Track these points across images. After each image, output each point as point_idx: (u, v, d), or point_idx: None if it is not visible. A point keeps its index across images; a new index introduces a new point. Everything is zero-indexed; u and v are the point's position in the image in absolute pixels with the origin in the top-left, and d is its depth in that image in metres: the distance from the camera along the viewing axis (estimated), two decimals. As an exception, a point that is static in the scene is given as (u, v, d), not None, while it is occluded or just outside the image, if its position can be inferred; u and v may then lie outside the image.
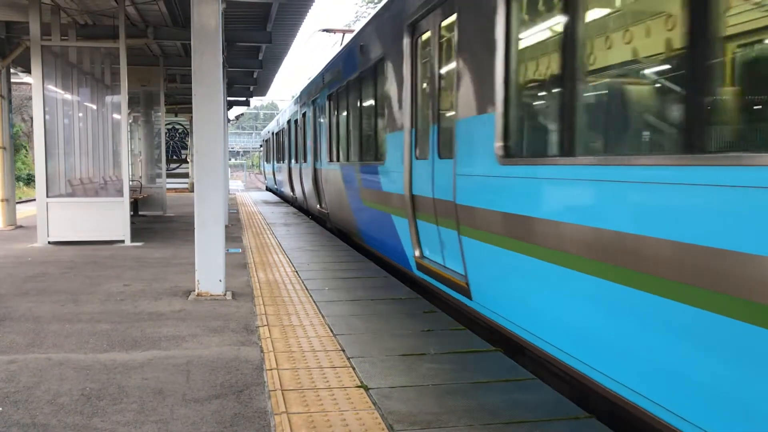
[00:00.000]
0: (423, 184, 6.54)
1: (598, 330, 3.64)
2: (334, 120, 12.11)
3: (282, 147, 23.26)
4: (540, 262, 4.18)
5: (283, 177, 23.14)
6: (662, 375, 3.08)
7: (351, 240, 11.69)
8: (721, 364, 2.71)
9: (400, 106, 7.24)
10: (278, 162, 25.32)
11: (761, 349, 2.49)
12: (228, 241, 8.62)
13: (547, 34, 4.36)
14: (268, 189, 35.98)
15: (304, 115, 16.60)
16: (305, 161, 16.08)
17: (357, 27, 10.87)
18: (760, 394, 2.52)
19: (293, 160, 19.11)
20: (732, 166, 2.62)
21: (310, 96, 15.45)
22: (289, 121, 20.73)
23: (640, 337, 3.24)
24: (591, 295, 3.64)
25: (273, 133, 27.72)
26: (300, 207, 19.09)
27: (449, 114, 5.94)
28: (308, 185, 15.57)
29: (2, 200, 13.06)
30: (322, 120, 13.39)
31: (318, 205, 14.23)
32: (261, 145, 43.04)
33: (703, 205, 2.76)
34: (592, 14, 3.89)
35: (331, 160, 12.12)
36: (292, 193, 20.45)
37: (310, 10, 14.11)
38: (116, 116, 15.35)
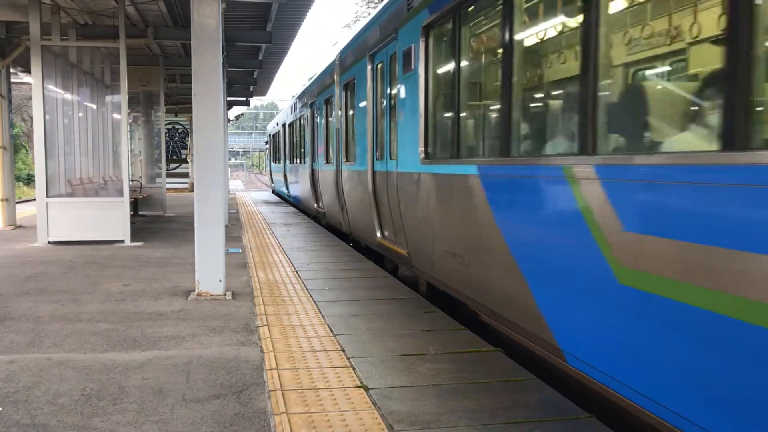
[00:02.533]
0: None
1: None
2: (438, 76, 6.47)
3: (300, 142, 17.57)
4: None
5: (301, 182, 17.37)
6: None
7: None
8: None
9: None
10: (292, 161, 19.62)
11: None
12: (228, 241, 8.62)
13: None
14: (275, 193, 29.38)
15: (346, 87, 10.92)
16: (349, 160, 10.63)
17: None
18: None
19: (323, 160, 13.40)
20: None
21: (360, 53, 9.60)
22: (312, 105, 14.94)
23: None
24: None
25: (285, 125, 21.92)
26: (331, 226, 13.54)
27: None
28: (354, 200, 10.26)
29: (2, 200, 13.06)
30: (400, 86, 7.35)
31: (379, 234, 8.75)
32: (266, 142, 34.98)
33: None
34: None
35: (430, 158, 6.47)
36: (315, 205, 14.93)
37: (309, 10, 14.13)
38: (116, 116, 15.36)
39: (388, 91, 8.15)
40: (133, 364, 4.53)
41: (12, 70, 14.48)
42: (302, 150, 17.02)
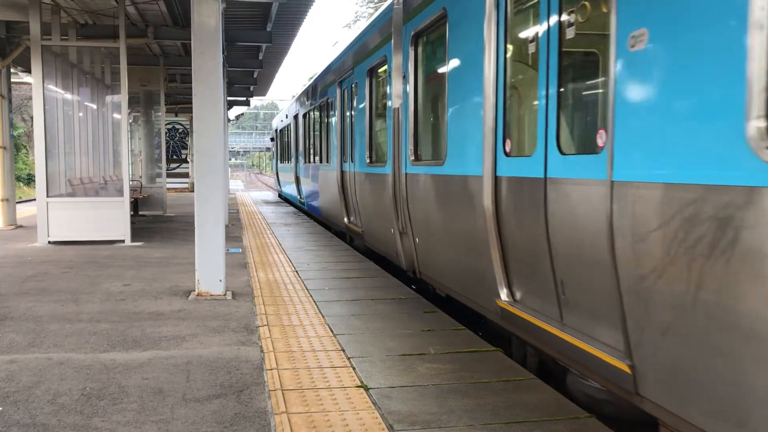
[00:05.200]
0: None
1: None
2: None
3: (321, 136, 13.79)
4: None
5: (322, 188, 13.67)
6: None
7: None
8: None
9: None
10: (308, 161, 15.87)
11: None
12: (228, 240, 8.63)
13: None
14: (282, 198, 25.36)
15: (419, 39, 6.88)
16: (422, 159, 6.90)
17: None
18: None
19: (362, 160, 9.37)
20: None
21: None
22: (343, 83, 11.10)
23: None
24: None
25: (297, 117, 18.04)
26: (370, 250, 9.88)
27: None
28: (439, 224, 6.24)
29: (2, 200, 13.07)
30: None
31: (505, 294, 4.84)
32: (272, 138, 29.04)
33: None
34: None
35: None
36: (345, 219, 11.10)
37: (310, 10, 14.14)
38: (116, 116, 15.37)
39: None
40: (133, 364, 4.53)
41: (12, 70, 14.48)
42: (324, 146, 13.32)
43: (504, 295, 4.82)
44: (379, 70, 8.65)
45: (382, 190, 8.24)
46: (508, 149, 4.75)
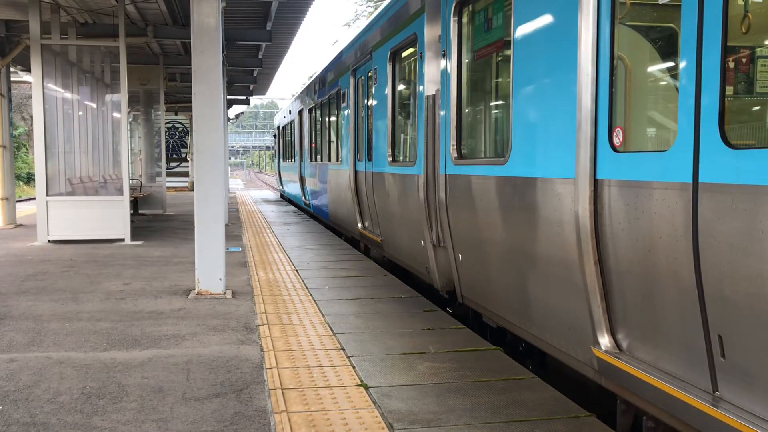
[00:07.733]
0: None
1: None
2: None
3: (329, 133, 12.75)
4: None
5: (331, 189, 12.41)
6: None
7: None
8: None
9: None
10: (314, 159, 14.61)
11: None
12: (228, 239, 8.63)
13: None
14: (285, 198, 24.14)
15: None
16: (473, 157, 5.69)
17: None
18: None
19: (383, 159, 8.24)
20: None
21: None
22: (357, 71, 10.02)
23: None
24: None
25: (301, 113, 16.88)
26: (388, 261, 8.89)
27: None
28: (505, 247, 4.86)
29: (2, 199, 13.06)
30: None
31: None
32: (274, 135, 27.65)
33: None
34: None
35: None
36: (359, 225, 10.02)
37: (309, 9, 14.13)
38: (116, 115, 15.36)
39: None
40: (133, 363, 4.53)
41: (12, 69, 14.48)
42: (334, 143, 12.21)
43: (605, 342, 3.62)
44: (405, 53, 7.45)
45: (409, 194, 6.99)
46: (617, 142, 3.47)
